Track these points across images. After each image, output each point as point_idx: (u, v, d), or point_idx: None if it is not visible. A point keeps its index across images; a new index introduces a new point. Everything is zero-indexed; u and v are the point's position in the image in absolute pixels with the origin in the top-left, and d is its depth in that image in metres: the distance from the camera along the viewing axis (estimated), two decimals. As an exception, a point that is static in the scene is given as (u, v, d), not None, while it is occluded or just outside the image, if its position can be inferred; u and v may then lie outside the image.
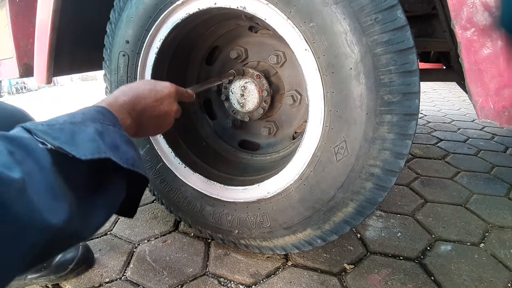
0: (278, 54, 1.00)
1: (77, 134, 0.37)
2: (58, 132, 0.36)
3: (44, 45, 1.17)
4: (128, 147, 0.43)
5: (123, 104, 0.52)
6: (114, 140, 0.41)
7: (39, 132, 0.34)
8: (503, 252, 0.96)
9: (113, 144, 0.40)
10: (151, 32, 0.89)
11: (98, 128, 0.40)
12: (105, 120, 0.43)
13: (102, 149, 0.37)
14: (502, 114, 0.60)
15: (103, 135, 0.39)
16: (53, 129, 0.36)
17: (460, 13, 0.58)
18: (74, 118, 0.40)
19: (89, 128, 0.39)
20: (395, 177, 0.69)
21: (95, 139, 0.38)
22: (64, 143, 0.35)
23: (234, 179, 0.99)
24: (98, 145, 0.37)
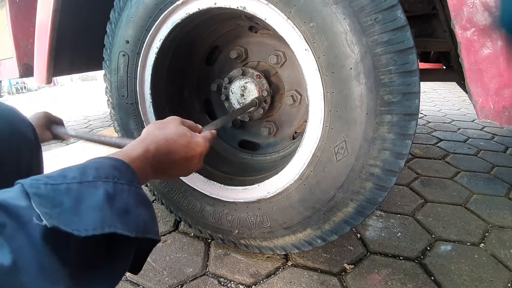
0: (278, 54, 1.00)
1: (84, 199, 0.33)
2: (62, 195, 0.32)
3: (44, 45, 1.17)
4: (142, 208, 0.39)
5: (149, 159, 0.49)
6: (127, 203, 0.37)
7: (38, 199, 0.31)
8: (503, 252, 0.96)
9: (123, 209, 0.36)
10: (151, 32, 0.89)
11: (109, 191, 0.36)
12: (121, 177, 0.39)
13: (107, 221, 0.34)
14: (502, 114, 0.60)
15: (114, 200, 0.36)
16: (57, 191, 0.33)
17: (460, 13, 0.58)
18: (85, 176, 0.36)
19: (99, 191, 0.35)
20: (395, 177, 0.69)
21: (102, 208, 0.34)
22: (66, 213, 0.31)
23: (234, 179, 0.99)
24: (104, 216, 0.34)
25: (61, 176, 0.35)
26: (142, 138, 0.52)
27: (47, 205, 0.31)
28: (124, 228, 0.35)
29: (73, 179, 0.35)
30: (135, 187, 0.40)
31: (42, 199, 0.31)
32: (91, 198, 0.34)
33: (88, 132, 2.89)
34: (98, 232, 0.32)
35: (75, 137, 0.86)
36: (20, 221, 0.29)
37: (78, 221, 0.32)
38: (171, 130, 0.57)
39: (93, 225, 0.32)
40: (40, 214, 0.30)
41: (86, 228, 0.32)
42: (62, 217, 0.31)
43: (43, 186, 0.32)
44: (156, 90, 0.98)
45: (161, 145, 0.52)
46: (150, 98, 0.97)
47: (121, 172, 0.40)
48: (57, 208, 0.31)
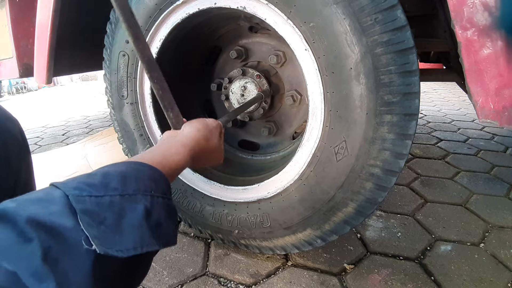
0: (278, 54, 1.00)
1: (125, 214, 0.33)
2: (106, 209, 0.32)
3: (44, 45, 1.17)
4: (170, 220, 0.40)
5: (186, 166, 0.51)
6: (160, 217, 0.38)
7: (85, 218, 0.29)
8: (503, 252, 0.96)
9: (156, 224, 0.37)
10: (151, 32, 0.89)
11: (147, 206, 0.36)
12: (157, 189, 0.39)
13: (145, 240, 0.34)
14: (502, 114, 0.60)
15: (151, 215, 0.36)
16: (101, 205, 0.32)
17: (460, 13, 0.58)
18: (126, 187, 0.35)
19: (139, 206, 0.35)
20: (395, 177, 0.69)
21: (141, 225, 0.34)
22: (109, 230, 0.31)
23: (234, 179, 0.99)
24: (143, 234, 0.34)
25: (103, 185, 0.34)
26: (190, 149, 0.53)
27: (93, 224, 0.30)
28: (156, 243, 0.35)
29: (115, 190, 0.34)
30: (167, 199, 0.41)
31: (89, 217, 0.30)
32: (132, 214, 0.34)
33: (88, 132, 2.88)
34: (138, 252, 0.32)
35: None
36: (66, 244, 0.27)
37: (120, 240, 0.31)
38: (213, 145, 0.60)
39: (133, 245, 0.32)
40: (89, 237, 0.29)
41: (127, 247, 0.32)
42: (107, 236, 0.30)
43: (87, 199, 0.31)
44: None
45: (199, 156, 0.55)
46: (150, 98, 0.97)
47: (157, 184, 0.40)
48: (102, 226, 0.30)
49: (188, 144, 0.53)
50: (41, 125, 3.41)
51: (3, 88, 10.18)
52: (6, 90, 10.66)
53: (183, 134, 0.57)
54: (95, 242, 0.29)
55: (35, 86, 11.58)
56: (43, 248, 0.25)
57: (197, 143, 0.55)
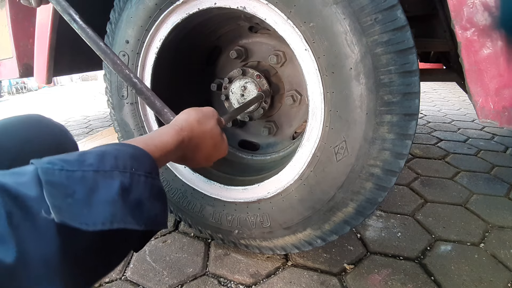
0: (278, 54, 1.00)
1: (97, 190, 0.32)
2: (76, 184, 0.31)
3: (44, 45, 1.17)
4: (156, 201, 0.39)
5: (180, 150, 0.50)
6: (141, 196, 0.37)
7: (50, 188, 0.30)
8: (503, 252, 0.96)
9: (137, 203, 0.36)
10: (151, 32, 0.89)
11: (124, 183, 0.35)
12: (139, 168, 0.38)
13: (117, 216, 0.33)
14: (502, 114, 0.60)
15: (129, 192, 0.35)
16: (71, 179, 0.31)
17: (460, 13, 0.58)
18: (102, 164, 0.35)
19: (114, 182, 0.34)
20: (395, 177, 0.69)
21: (115, 201, 0.33)
22: (77, 203, 0.31)
23: (234, 179, 0.99)
24: (115, 211, 0.33)
25: (78, 161, 0.33)
26: (179, 129, 0.52)
27: (58, 195, 0.30)
28: (134, 222, 0.35)
29: (89, 166, 0.33)
30: (152, 178, 0.39)
31: (55, 188, 0.30)
32: (105, 189, 0.33)
33: (88, 132, 2.88)
34: (106, 227, 0.31)
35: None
36: (29, 211, 0.28)
37: (88, 214, 0.31)
38: (208, 129, 0.57)
39: (102, 220, 0.31)
40: (49, 206, 0.29)
41: (94, 222, 0.31)
42: (72, 208, 0.30)
43: (57, 173, 0.31)
44: (156, 90, 0.98)
45: (194, 141, 0.53)
46: (150, 98, 0.97)
47: (139, 162, 0.39)
48: (68, 199, 0.30)
49: (177, 125, 0.52)
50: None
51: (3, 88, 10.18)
52: (6, 90, 10.66)
53: (174, 119, 0.56)
54: (54, 211, 0.29)
55: (35, 86, 11.58)
56: (6, 212, 0.26)
57: (188, 123, 0.54)
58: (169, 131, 0.50)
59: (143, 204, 0.37)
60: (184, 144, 0.51)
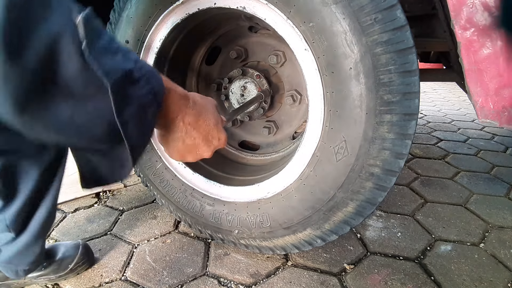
0: (278, 54, 1.00)
1: (117, 53, 0.38)
2: (110, 44, 0.37)
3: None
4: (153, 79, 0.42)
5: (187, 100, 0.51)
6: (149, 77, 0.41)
7: (87, 30, 0.34)
8: (503, 252, 0.96)
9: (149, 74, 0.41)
10: (151, 32, 0.89)
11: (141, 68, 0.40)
12: (151, 78, 0.42)
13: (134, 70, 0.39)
14: (502, 114, 0.60)
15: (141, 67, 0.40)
16: (113, 42, 0.38)
17: (460, 13, 0.58)
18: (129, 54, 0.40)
19: (131, 61, 0.40)
20: (395, 177, 0.69)
21: (136, 60, 0.40)
22: (102, 48, 0.36)
23: (234, 179, 0.99)
24: (131, 66, 0.38)
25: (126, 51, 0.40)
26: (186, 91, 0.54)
27: (94, 37, 0.35)
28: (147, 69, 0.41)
29: (136, 60, 0.40)
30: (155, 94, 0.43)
31: (90, 31, 0.34)
32: (124, 60, 0.38)
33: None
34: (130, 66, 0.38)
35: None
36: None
37: (111, 58, 0.37)
38: (209, 102, 0.58)
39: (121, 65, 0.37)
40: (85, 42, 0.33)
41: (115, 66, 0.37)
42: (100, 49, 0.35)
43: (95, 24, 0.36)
44: (156, 90, 0.98)
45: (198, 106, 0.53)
46: (150, 98, 0.97)
47: (154, 77, 0.43)
48: (99, 40, 0.35)
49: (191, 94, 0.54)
50: (41, 125, 3.41)
51: (3, 88, 10.18)
52: (6, 90, 10.66)
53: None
54: (86, 44, 0.33)
55: (35, 86, 11.56)
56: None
57: (190, 93, 0.55)
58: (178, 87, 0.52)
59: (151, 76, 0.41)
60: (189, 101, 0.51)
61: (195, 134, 0.52)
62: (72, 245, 0.92)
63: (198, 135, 0.52)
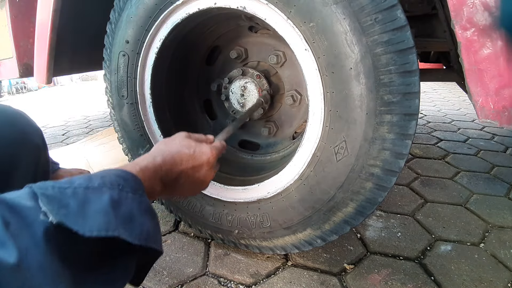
0: (278, 54, 1.00)
1: (90, 202, 0.34)
2: (68, 198, 0.33)
3: (44, 45, 1.17)
4: (146, 217, 0.40)
5: (157, 168, 0.50)
6: (131, 210, 0.38)
7: (45, 199, 0.31)
8: (503, 252, 0.96)
9: (128, 216, 0.37)
10: (151, 32, 0.89)
11: (114, 197, 0.37)
12: (125, 186, 0.39)
13: (112, 225, 0.34)
14: (502, 114, 0.60)
15: (119, 205, 0.36)
16: (64, 194, 0.34)
17: (460, 13, 0.58)
18: (91, 182, 0.37)
19: (104, 195, 0.36)
20: (395, 177, 0.69)
21: (107, 212, 0.35)
22: (72, 214, 0.32)
23: (234, 179, 0.99)
24: (109, 220, 0.34)
25: (68, 182, 0.36)
26: (149, 153, 0.54)
27: (54, 205, 0.31)
28: (127, 235, 0.35)
29: (79, 185, 0.36)
30: (140, 195, 0.41)
31: (49, 199, 0.32)
32: (96, 202, 0.35)
33: (88, 132, 2.88)
34: (102, 234, 0.33)
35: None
36: (25, 220, 0.29)
37: (83, 222, 0.32)
38: (176, 143, 0.58)
39: (97, 227, 0.33)
40: (46, 211, 0.30)
41: (90, 229, 0.32)
42: (68, 217, 0.31)
43: (50, 188, 0.33)
44: (156, 90, 0.98)
45: (167, 156, 0.53)
46: (150, 98, 0.97)
47: (126, 181, 0.41)
48: (63, 209, 0.32)
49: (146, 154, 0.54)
50: (41, 125, 3.41)
51: (3, 88, 10.18)
52: (6, 90, 10.65)
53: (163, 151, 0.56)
54: (52, 214, 0.30)
55: (35, 86, 11.58)
56: (4, 221, 0.28)
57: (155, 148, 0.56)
58: (143, 157, 0.51)
59: (134, 218, 0.38)
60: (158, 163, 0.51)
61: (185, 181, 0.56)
62: None
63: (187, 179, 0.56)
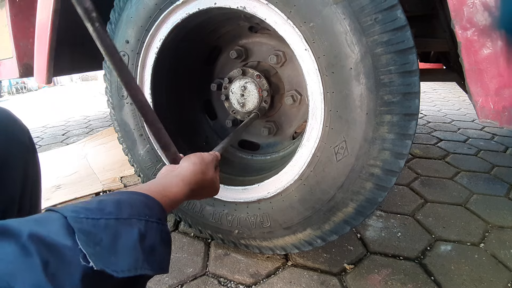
0: (278, 54, 1.00)
1: (120, 237, 0.35)
2: (102, 231, 0.33)
3: (44, 45, 1.17)
4: (165, 247, 0.41)
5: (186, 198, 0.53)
6: (154, 242, 0.39)
7: (83, 236, 0.31)
8: (503, 252, 0.96)
9: (151, 248, 0.38)
10: (151, 32, 0.89)
11: (141, 230, 0.37)
12: (151, 215, 0.40)
13: (139, 263, 0.35)
14: (502, 114, 0.60)
15: (145, 238, 0.37)
16: (97, 226, 0.33)
17: (460, 13, 0.58)
18: (121, 213, 0.37)
19: (134, 230, 0.36)
20: (395, 177, 0.69)
21: (135, 248, 0.35)
22: (105, 251, 0.32)
23: (234, 179, 0.99)
24: (137, 257, 0.35)
25: (99, 209, 0.36)
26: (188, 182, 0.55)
27: (90, 243, 0.31)
28: (150, 268, 0.36)
29: (109, 214, 0.36)
30: (162, 225, 0.42)
31: (86, 236, 0.31)
32: (126, 236, 0.35)
33: (88, 132, 2.88)
34: (132, 274, 0.33)
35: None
36: (64, 260, 0.28)
37: (115, 261, 0.32)
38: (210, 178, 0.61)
39: (128, 266, 0.33)
40: (87, 254, 0.30)
41: (122, 269, 0.32)
42: (102, 256, 0.31)
43: (84, 221, 0.33)
44: (156, 90, 0.98)
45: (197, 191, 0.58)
46: (150, 98, 0.97)
47: (152, 210, 0.41)
48: (97, 247, 0.32)
49: (186, 178, 0.55)
50: (41, 125, 3.41)
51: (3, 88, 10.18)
52: (6, 90, 10.66)
53: (182, 167, 0.58)
54: (92, 259, 0.30)
55: (35, 86, 11.58)
56: (43, 262, 0.27)
57: (195, 176, 0.57)
58: (179, 184, 0.53)
59: (156, 250, 0.39)
60: (189, 195, 0.55)
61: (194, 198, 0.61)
62: None
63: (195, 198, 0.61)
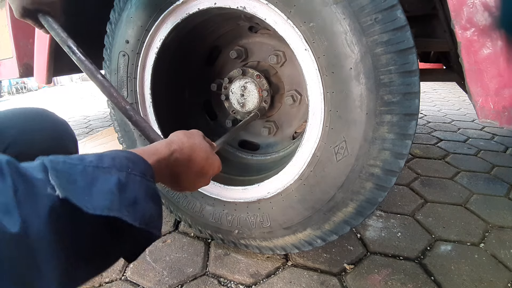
0: (278, 54, 1.00)
1: (97, 182, 0.35)
2: (78, 174, 0.34)
3: (44, 45, 1.17)
4: (151, 202, 0.41)
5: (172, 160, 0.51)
6: (137, 195, 0.39)
7: (55, 173, 0.32)
8: (503, 252, 0.96)
9: (133, 200, 0.38)
10: (151, 32, 0.89)
11: (121, 179, 0.37)
12: (134, 169, 0.40)
13: (115, 205, 0.35)
14: (502, 114, 0.60)
15: (125, 188, 0.37)
16: (74, 169, 0.34)
17: (460, 13, 0.58)
18: (101, 162, 0.37)
19: (112, 177, 0.37)
20: (395, 177, 0.69)
21: (112, 193, 0.36)
22: (78, 191, 0.33)
23: (234, 179, 0.99)
24: (113, 201, 0.35)
25: (79, 159, 0.37)
26: (169, 141, 0.54)
27: (62, 179, 0.32)
28: (129, 217, 0.36)
29: (90, 162, 0.36)
30: (147, 180, 0.41)
31: (59, 173, 0.33)
32: (104, 182, 0.36)
33: (88, 132, 2.88)
34: (105, 213, 0.34)
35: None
36: (33, 190, 0.30)
37: (89, 200, 0.33)
38: (197, 141, 0.58)
39: (101, 207, 0.34)
40: (54, 185, 0.31)
41: (94, 207, 0.33)
42: (75, 193, 0.32)
43: (61, 163, 0.34)
44: (156, 90, 0.98)
45: (185, 151, 0.54)
46: (150, 98, 0.97)
47: (135, 164, 0.41)
48: (71, 185, 0.33)
49: (167, 139, 0.55)
50: (41, 125, 3.41)
51: (3, 88, 10.18)
52: (6, 90, 10.66)
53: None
54: (59, 189, 0.31)
55: (35, 86, 11.58)
56: (14, 186, 0.28)
57: (177, 137, 0.56)
58: (161, 143, 0.53)
59: (138, 202, 0.38)
60: (176, 154, 0.52)
61: (190, 176, 0.56)
62: None
63: (193, 175, 0.57)
